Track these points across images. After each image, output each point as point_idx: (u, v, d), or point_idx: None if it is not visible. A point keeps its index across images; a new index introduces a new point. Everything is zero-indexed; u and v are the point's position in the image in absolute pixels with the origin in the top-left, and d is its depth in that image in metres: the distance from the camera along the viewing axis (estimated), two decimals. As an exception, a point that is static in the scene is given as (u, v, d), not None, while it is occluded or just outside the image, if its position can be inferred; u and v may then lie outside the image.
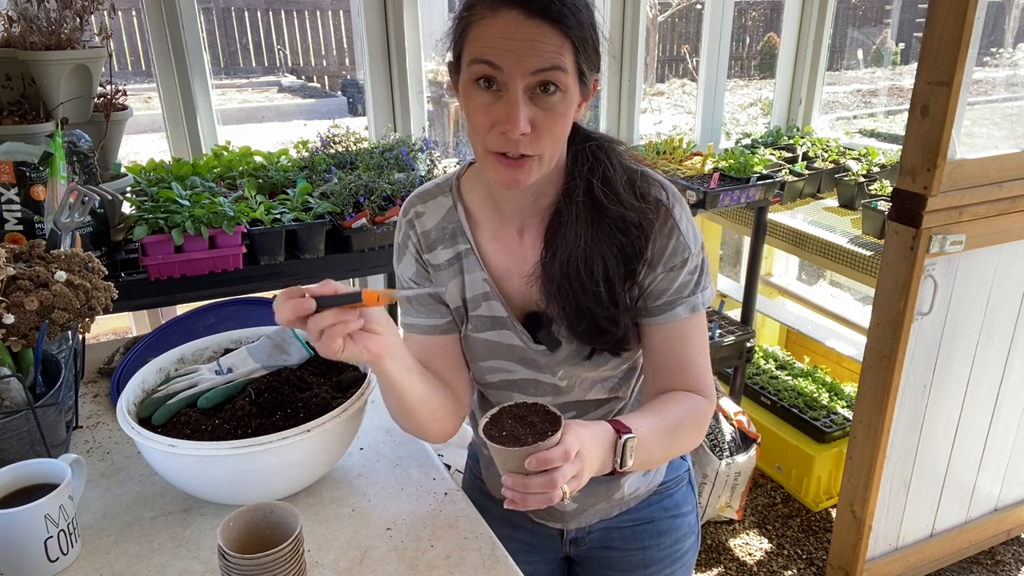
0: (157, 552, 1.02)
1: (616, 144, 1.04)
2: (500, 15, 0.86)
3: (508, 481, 0.83)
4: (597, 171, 0.99)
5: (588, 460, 0.86)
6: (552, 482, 0.81)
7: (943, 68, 1.73)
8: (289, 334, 1.24)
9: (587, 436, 0.87)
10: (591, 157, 1.00)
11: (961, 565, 2.53)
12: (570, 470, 0.83)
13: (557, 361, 1.07)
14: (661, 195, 1.01)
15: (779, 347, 3.46)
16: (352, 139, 2.25)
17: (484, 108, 0.89)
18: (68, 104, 1.77)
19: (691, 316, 1.03)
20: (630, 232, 0.99)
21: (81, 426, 1.31)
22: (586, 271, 0.98)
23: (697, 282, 1.03)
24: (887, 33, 5.78)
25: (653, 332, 1.05)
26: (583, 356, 1.06)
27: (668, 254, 1.01)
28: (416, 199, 1.10)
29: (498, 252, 1.06)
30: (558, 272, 0.99)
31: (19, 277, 1.12)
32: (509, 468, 0.84)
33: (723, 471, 2.53)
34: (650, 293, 1.03)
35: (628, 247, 0.99)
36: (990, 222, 1.97)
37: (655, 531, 1.24)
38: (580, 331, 1.02)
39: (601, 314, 1.00)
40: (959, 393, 2.20)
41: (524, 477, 0.82)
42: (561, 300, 1.00)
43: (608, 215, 0.98)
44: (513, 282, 1.06)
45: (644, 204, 0.99)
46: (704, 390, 1.06)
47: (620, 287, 1.00)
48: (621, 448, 0.91)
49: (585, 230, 0.98)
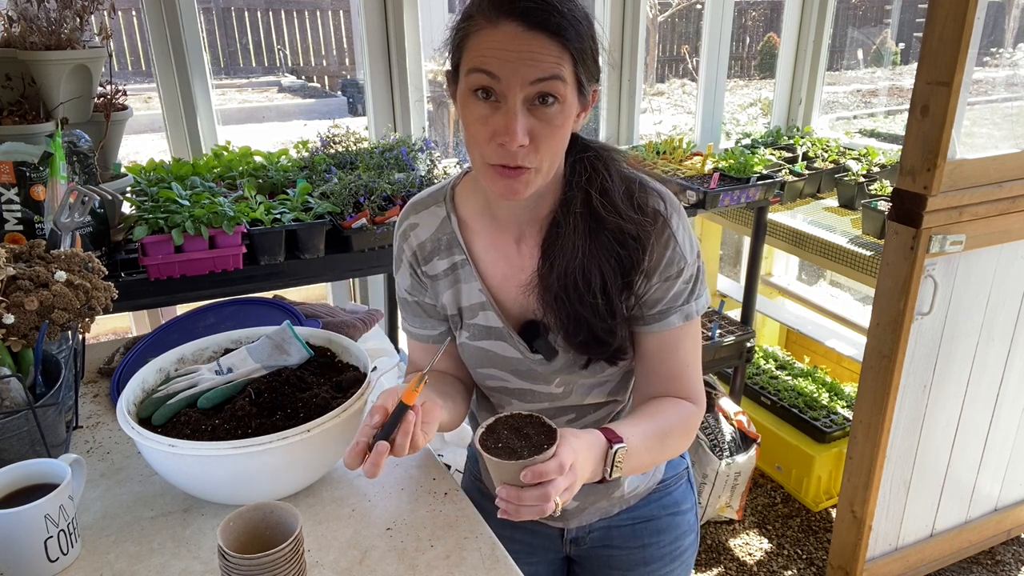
0: (157, 552, 1.02)
1: (614, 152, 1.03)
2: (499, 27, 0.85)
3: (502, 493, 0.84)
4: (595, 182, 0.99)
5: (580, 472, 0.87)
6: (546, 495, 0.82)
7: (943, 68, 1.73)
8: (289, 334, 1.24)
9: (581, 447, 0.88)
10: (589, 168, 1.00)
11: (961, 565, 2.53)
12: (563, 483, 0.83)
13: (553, 370, 1.08)
14: (659, 205, 1.01)
15: (779, 347, 3.46)
16: (352, 139, 2.25)
17: (482, 119, 0.88)
18: (68, 104, 1.77)
19: (685, 324, 1.04)
20: (627, 244, 0.99)
21: (81, 426, 1.31)
22: (583, 283, 0.98)
23: (692, 291, 1.03)
24: (887, 33, 5.78)
25: (647, 339, 1.05)
26: (580, 365, 1.06)
27: (664, 264, 1.00)
28: (411, 209, 1.11)
29: (494, 261, 1.06)
30: (556, 283, 0.99)
31: (19, 277, 1.12)
32: (504, 480, 0.84)
33: (723, 471, 2.53)
34: (645, 302, 1.03)
35: (625, 259, 0.99)
36: (990, 222, 1.97)
37: (655, 529, 1.24)
38: (578, 342, 1.02)
39: (598, 325, 1.00)
40: (959, 393, 2.20)
41: (518, 490, 0.83)
42: (558, 311, 1.01)
43: (606, 227, 0.98)
44: (510, 291, 1.06)
45: (642, 216, 0.99)
46: (694, 396, 1.06)
47: (617, 298, 1.00)
48: (612, 458, 0.91)
49: (583, 242, 0.98)
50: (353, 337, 1.56)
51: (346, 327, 1.58)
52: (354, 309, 1.71)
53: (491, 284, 1.07)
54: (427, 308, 1.12)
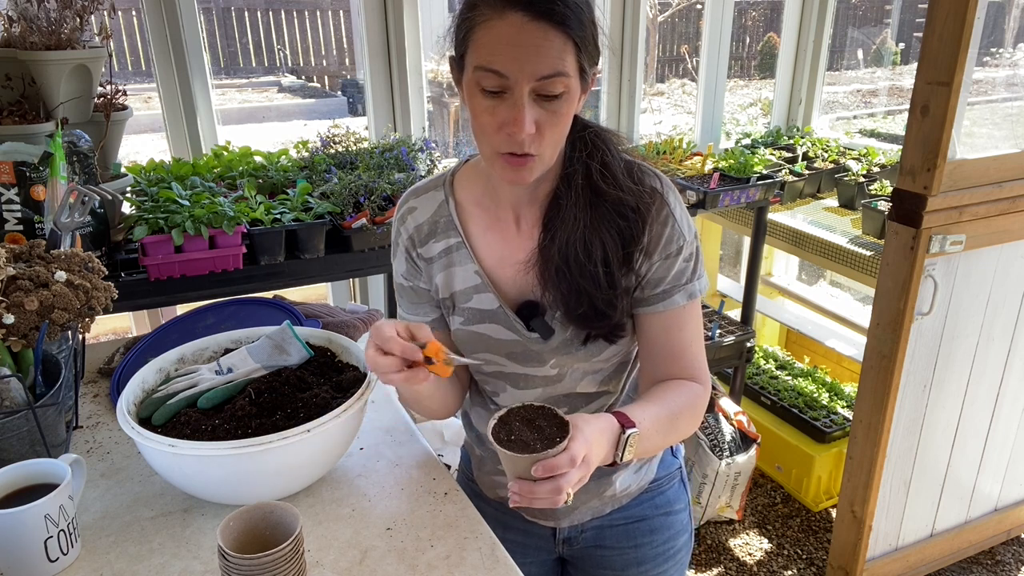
0: (157, 552, 1.02)
1: (612, 134, 1.06)
2: (505, 17, 0.87)
3: (515, 487, 0.85)
4: (596, 156, 1.02)
5: (595, 460, 0.88)
6: (558, 488, 0.83)
7: (943, 68, 1.73)
8: (289, 334, 1.24)
9: (593, 435, 0.88)
10: (590, 143, 1.03)
11: (961, 565, 2.53)
12: (576, 476, 0.84)
13: (550, 349, 1.08)
14: (656, 183, 1.04)
15: (779, 347, 3.46)
16: (352, 139, 2.25)
17: (490, 110, 0.91)
18: (68, 104, 1.77)
19: (688, 304, 1.05)
20: (628, 215, 1.01)
21: (81, 426, 1.31)
22: (585, 253, 1.00)
23: (693, 270, 1.05)
24: (887, 33, 5.78)
25: (651, 321, 1.06)
26: (577, 344, 1.07)
27: (664, 242, 1.02)
28: (410, 195, 1.13)
29: (491, 244, 1.08)
30: (557, 255, 1.01)
31: (19, 277, 1.12)
32: (517, 472, 0.85)
33: (723, 471, 2.53)
34: (648, 282, 1.04)
35: (626, 230, 1.01)
36: (990, 222, 1.97)
37: (647, 529, 1.24)
38: (578, 315, 1.03)
39: (599, 296, 1.01)
40: (959, 393, 2.20)
41: (531, 483, 0.83)
42: (559, 283, 1.02)
43: (607, 199, 1.01)
44: (507, 272, 1.08)
45: (641, 188, 1.02)
46: (699, 376, 1.08)
47: (618, 270, 1.02)
48: (624, 442, 0.92)
49: (584, 213, 1.00)
50: (353, 337, 1.56)
51: (346, 327, 1.58)
52: (354, 309, 1.71)
53: (487, 266, 1.08)
54: (422, 293, 1.13)
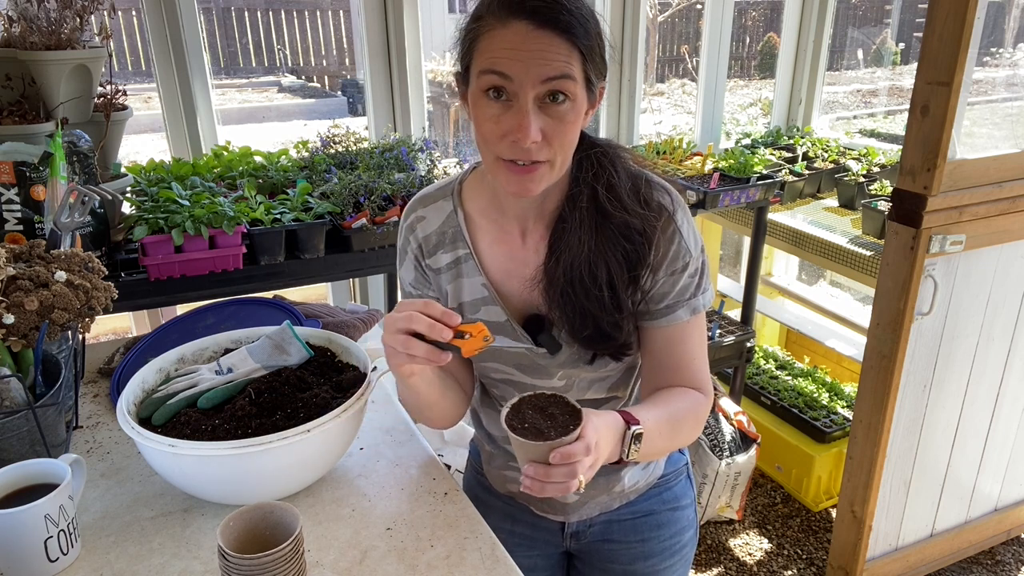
0: (157, 552, 1.02)
1: (621, 150, 1.05)
2: (510, 26, 0.87)
3: (530, 471, 0.85)
4: (602, 178, 1.00)
5: (603, 450, 0.88)
6: (572, 473, 0.83)
7: (943, 68, 1.73)
8: (289, 334, 1.24)
9: (602, 426, 0.89)
10: (596, 164, 1.01)
11: (961, 565, 2.53)
12: (588, 461, 0.85)
13: (557, 364, 1.08)
14: (664, 200, 1.03)
15: (779, 347, 3.46)
16: (352, 139, 2.25)
17: (494, 118, 0.90)
18: (68, 104, 1.77)
19: (691, 318, 1.05)
20: (634, 238, 1.00)
21: (81, 426, 1.31)
22: (590, 277, 0.99)
23: (698, 285, 1.05)
24: (887, 33, 5.78)
25: (654, 334, 1.06)
26: (584, 360, 1.07)
27: (670, 259, 1.02)
28: (417, 203, 1.12)
29: (499, 256, 1.07)
30: (561, 277, 1.00)
31: (19, 277, 1.12)
32: (531, 459, 0.86)
33: (723, 471, 2.53)
34: (652, 297, 1.04)
35: (632, 253, 1.00)
36: (990, 222, 1.97)
37: (654, 523, 1.25)
38: (583, 336, 1.03)
39: (605, 319, 1.01)
40: (959, 393, 2.20)
41: (546, 468, 0.84)
42: (564, 305, 1.01)
43: (612, 222, 1.00)
44: (513, 285, 1.07)
45: (648, 210, 1.01)
46: (703, 387, 1.08)
47: (623, 293, 1.01)
48: (630, 439, 0.92)
49: (589, 236, 0.99)
50: (353, 337, 1.56)
51: (346, 327, 1.58)
52: (354, 309, 1.71)
53: (494, 279, 1.07)
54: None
